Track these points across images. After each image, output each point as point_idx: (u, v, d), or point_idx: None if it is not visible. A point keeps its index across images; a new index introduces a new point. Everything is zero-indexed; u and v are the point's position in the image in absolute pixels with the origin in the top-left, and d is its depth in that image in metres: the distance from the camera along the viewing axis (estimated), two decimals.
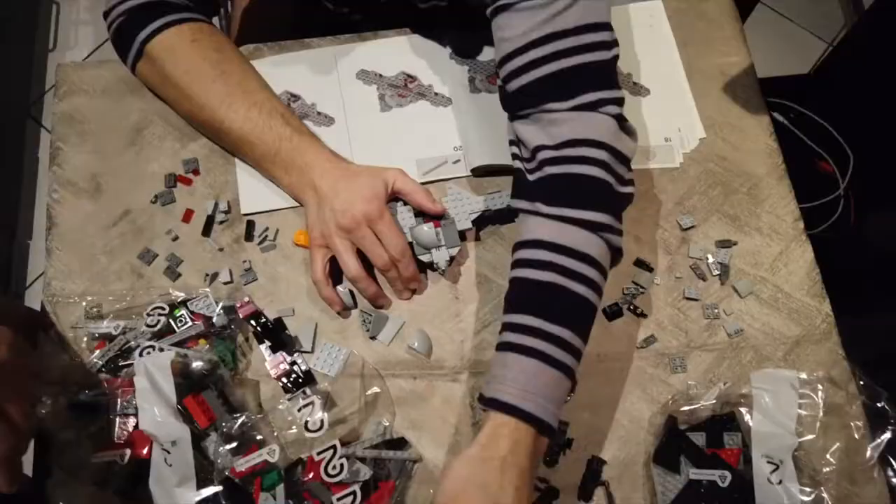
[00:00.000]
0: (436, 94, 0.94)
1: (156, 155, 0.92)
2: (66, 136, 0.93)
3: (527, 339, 0.67)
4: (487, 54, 0.94)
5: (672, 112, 0.93)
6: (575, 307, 0.69)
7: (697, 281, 0.85)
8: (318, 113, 0.93)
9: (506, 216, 0.86)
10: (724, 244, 0.86)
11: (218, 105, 0.83)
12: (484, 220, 0.86)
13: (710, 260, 0.85)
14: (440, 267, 0.81)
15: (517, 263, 0.73)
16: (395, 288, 0.84)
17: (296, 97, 0.94)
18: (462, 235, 0.85)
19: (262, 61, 0.96)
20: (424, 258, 0.82)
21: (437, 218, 0.82)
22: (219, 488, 0.71)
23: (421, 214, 0.83)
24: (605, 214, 0.70)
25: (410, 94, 0.94)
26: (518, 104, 0.75)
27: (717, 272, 0.85)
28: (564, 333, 0.67)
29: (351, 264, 0.79)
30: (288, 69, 0.95)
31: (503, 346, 0.69)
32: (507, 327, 0.70)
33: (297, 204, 0.88)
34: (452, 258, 0.82)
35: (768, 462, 0.72)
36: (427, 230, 0.81)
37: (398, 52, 0.96)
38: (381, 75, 0.95)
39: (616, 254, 0.74)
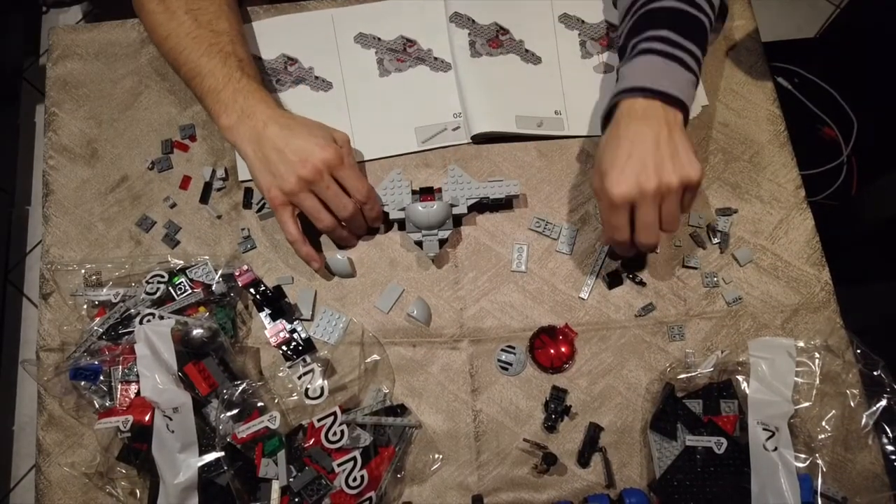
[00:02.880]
0: (435, 58, 0.92)
1: (152, 120, 0.91)
2: (60, 102, 0.92)
3: (661, 45, 0.75)
4: (487, 17, 0.92)
5: None
6: (699, 29, 0.77)
7: (697, 249, 0.85)
8: (316, 77, 0.92)
9: (504, 206, 0.86)
10: (725, 212, 0.85)
11: (182, 36, 0.82)
12: (482, 208, 0.86)
13: (710, 228, 0.85)
14: (431, 251, 0.81)
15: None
16: (354, 234, 0.84)
17: (293, 60, 0.92)
18: (458, 220, 0.84)
19: (259, 23, 0.94)
20: (415, 237, 0.81)
21: (432, 194, 0.82)
22: (220, 454, 0.72)
23: (418, 192, 0.82)
24: None
25: (409, 59, 0.93)
26: None
27: (717, 240, 0.84)
28: (692, 47, 0.76)
29: (324, 217, 0.77)
30: (285, 32, 0.93)
31: (641, 52, 0.76)
32: (645, 40, 0.77)
33: None
34: (444, 241, 0.82)
35: (764, 429, 0.73)
36: (422, 210, 0.80)
37: (397, 15, 0.94)
38: (379, 39, 0.93)
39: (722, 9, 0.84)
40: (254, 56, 0.92)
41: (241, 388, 0.75)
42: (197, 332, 0.75)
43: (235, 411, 0.74)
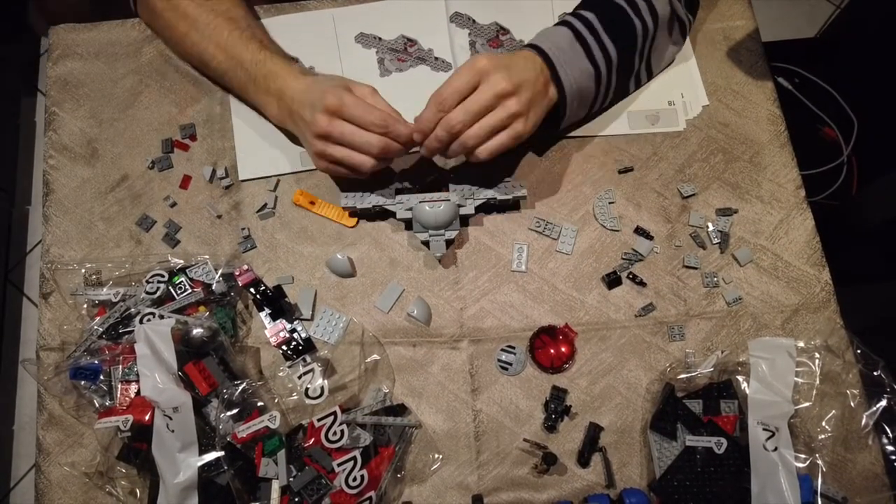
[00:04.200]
0: (436, 58, 0.92)
1: (152, 120, 0.91)
2: (60, 102, 0.92)
3: (577, 23, 0.79)
4: (487, 17, 0.92)
5: (676, 78, 0.92)
6: (626, 29, 0.80)
7: (697, 249, 0.85)
8: None
9: (511, 206, 0.86)
10: (725, 212, 0.85)
11: (204, 35, 0.83)
12: (489, 209, 0.86)
13: (711, 228, 0.85)
14: (438, 251, 0.81)
15: None
16: (402, 151, 0.79)
17: (294, 60, 0.92)
18: (464, 220, 0.84)
19: None
20: (422, 237, 0.81)
21: (440, 190, 0.82)
22: (220, 454, 0.72)
23: (425, 191, 0.82)
24: None
25: (410, 59, 0.93)
26: None
27: (717, 240, 0.84)
28: (607, 40, 0.79)
29: (362, 160, 0.76)
30: (285, 31, 0.93)
31: (559, 24, 0.81)
32: (570, 14, 0.81)
33: (296, 169, 0.88)
34: (451, 241, 0.82)
35: (764, 429, 0.73)
36: (429, 210, 0.80)
37: (398, 14, 0.94)
38: (380, 38, 0.93)
39: (679, 24, 0.85)
40: None
41: (241, 387, 0.75)
42: (197, 331, 0.75)
43: (235, 411, 0.74)
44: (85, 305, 0.81)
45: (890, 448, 0.75)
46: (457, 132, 0.73)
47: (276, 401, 0.77)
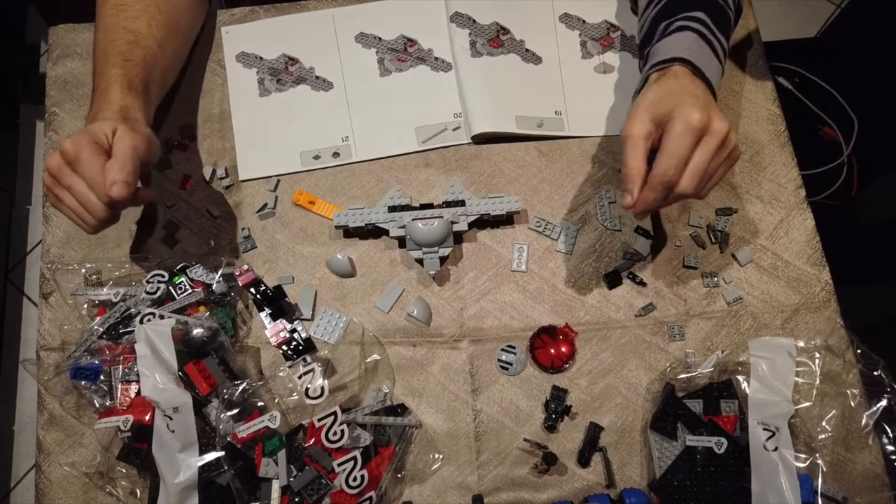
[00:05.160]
0: (436, 58, 0.92)
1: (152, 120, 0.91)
2: (60, 102, 0.92)
3: (697, 25, 0.75)
4: (488, 17, 0.92)
5: None
6: (727, 22, 0.77)
7: (697, 249, 0.85)
8: (317, 77, 0.92)
9: (504, 221, 0.86)
10: (725, 212, 0.85)
11: (100, 29, 0.82)
12: (482, 224, 0.86)
13: (710, 228, 0.85)
14: (432, 269, 0.81)
15: None
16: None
17: (294, 60, 0.93)
18: (458, 237, 0.84)
19: (259, 23, 0.94)
20: (415, 254, 0.81)
21: (432, 208, 0.82)
22: (221, 454, 0.72)
23: (418, 209, 0.82)
24: None
25: (410, 59, 0.93)
26: None
27: (717, 240, 0.84)
28: (721, 37, 0.76)
29: (66, 212, 0.71)
30: (286, 32, 0.94)
31: (676, 30, 0.76)
32: (679, 18, 0.76)
33: (296, 170, 0.88)
34: (445, 258, 0.82)
35: (764, 429, 0.73)
36: (422, 227, 0.80)
37: (398, 14, 0.94)
38: (380, 38, 0.93)
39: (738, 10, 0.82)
40: (258, 56, 0.93)
41: (241, 387, 0.75)
42: (197, 331, 0.75)
43: (236, 411, 0.74)
44: (85, 305, 0.81)
45: (890, 448, 0.75)
46: (688, 195, 0.68)
47: (276, 401, 0.77)
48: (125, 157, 0.69)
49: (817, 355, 0.78)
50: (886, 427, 0.75)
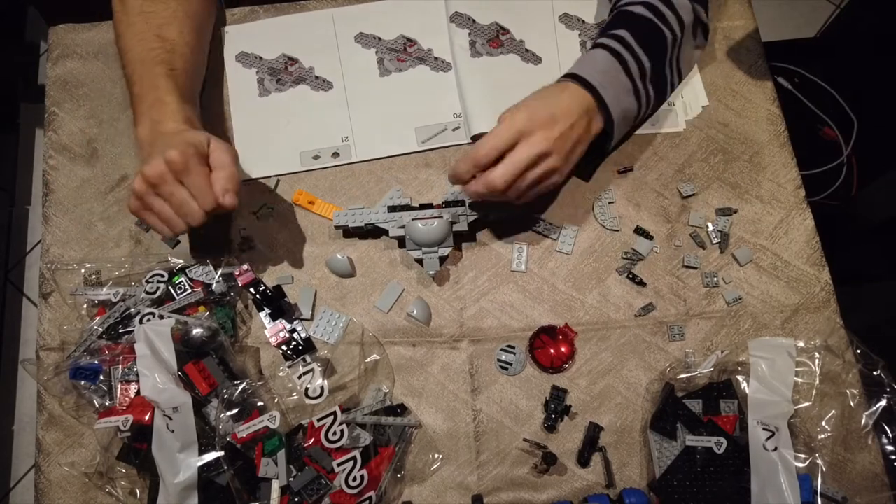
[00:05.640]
0: (436, 58, 0.92)
1: None
2: (60, 101, 0.92)
3: (612, 42, 0.79)
4: (488, 17, 0.92)
5: None
6: (657, 40, 0.80)
7: (697, 249, 0.85)
8: (317, 77, 0.92)
9: (504, 223, 0.86)
10: (725, 212, 0.85)
11: (129, 37, 0.81)
12: (481, 224, 0.85)
13: (710, 228, 0.85)
14: (431, 269, 0.81)
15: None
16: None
17: (294, 60, 0.93)
18: (458, 237, 0.84)
19: (259, 23, 0.94)
20: (415, 254, 0.81)
21: (432, 207, 0.82)
22: (220, 454, 0.72)
23: (418, 209, 0.82)
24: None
25: (410, 59, 0.93)
26: None
27: (717, 240, 0.84)
28: (641, 54, 0.79)
29: (172, 226, 0.73)
30: (285, 32, 0.93)
31: (595, 47, 0.81)
32: (602, 35, 0.81)
33: (296, 169, 0.88)
34: (444, 258, 0.82)
35: (764, 429, 0.73)
36: (422, 227, 0.79)
37: (397, 14, 0.94)
38: (380, 38, 0.93)
39: (702, 28, 0.85)
40: (257, 56, 0.93)
41: (241, 387, 0.75)
42: (197, 331, 0.75)
43: (235, 411, 0.74)
44: (85, 305, 0.81)
45: (890, 448, 0.75)
46: (498, 191, 0.73)
47: (276, 401, 0.77)
48: (230, 167, 0.72)
49: (817, 355, 0.78)
50: (886, 427, 0.75)
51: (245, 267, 0.81)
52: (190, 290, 0.80)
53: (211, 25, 0.91)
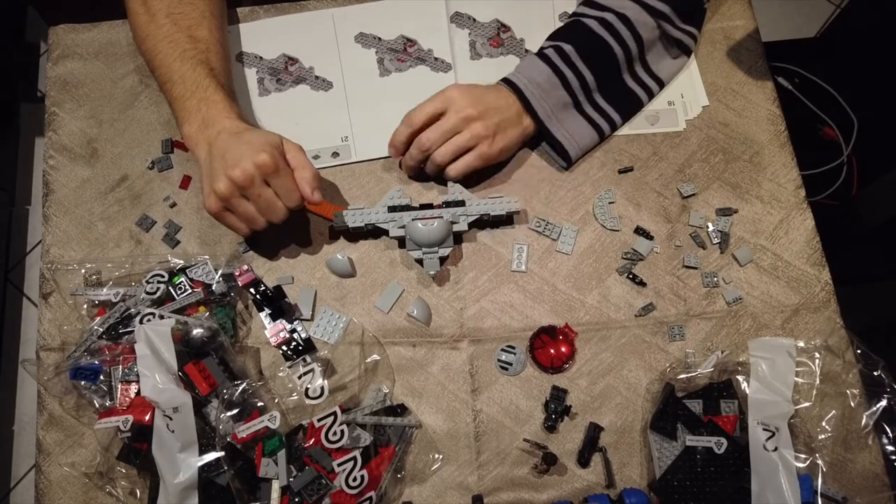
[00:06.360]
0: (436, 58, 0.92)
1: (152, 120, 0.91)
2: (60, 102, 0.92)
3: (554, 56, 0.83)
4: (488, 16, 0.92)
5: (676, 78, 0.92)
6: (605, 57, 0.84)
7: (697, 249, 0.85)
8: (317, 77, 0.92)
9: (504, 221, 0.86)
10: (725, 212, 0.85)
11: (160, 40, 0.82)
12: (482, 224, 0.86)
13: (711, 228, 0.85)
14: (432, 269, 0.81)
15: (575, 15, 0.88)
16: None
17: (294, 60, 0.93)
18: (458, 237, 0.84)
19: (259, 23, 0.94)
20: (415, 255, 0.81)
21: (432, 208, 0.82)
22: (220, 454, 0.72)
23: (418, 209, 0.82)
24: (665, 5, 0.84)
25: (410, 59, 0.93)
26: None
27: (717, 240, 0.84)
28: (584, 69, 0.83)
29: (257, 224, 0.77)
30: (285, 31, 0.93)
31: (538, 53, 0.85)
32: (549, 45, 0.85)
33: None
34: (445, 258, 0.82)
35: (764, 429, 0.73)
36: (422, 227, 0.80)
37: (397, 14, 0.94)
38: (380, 38, 0.93)
39: (675, 41, 0.88)
40: (257, 56, 0.93)
41: (241, 387, 0.75)
42: (197, 331, 0.75)
43: (235, 411, 0.74)
44: (85, 305, 0.81)
45: (890, 448, 0.75)
46: (427, 150, 0.81)
47: (276, 401, 0.77)
48: (311, 165, 0.77)
49: (817, 355, 0.78)
50: (886, 427, 0.75)
51: (245, 267, 0.81)
52: (190, 291, 0.80)
53: (227, 21, 0.92)
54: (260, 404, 0.76)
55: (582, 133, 0.86)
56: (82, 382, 0.76)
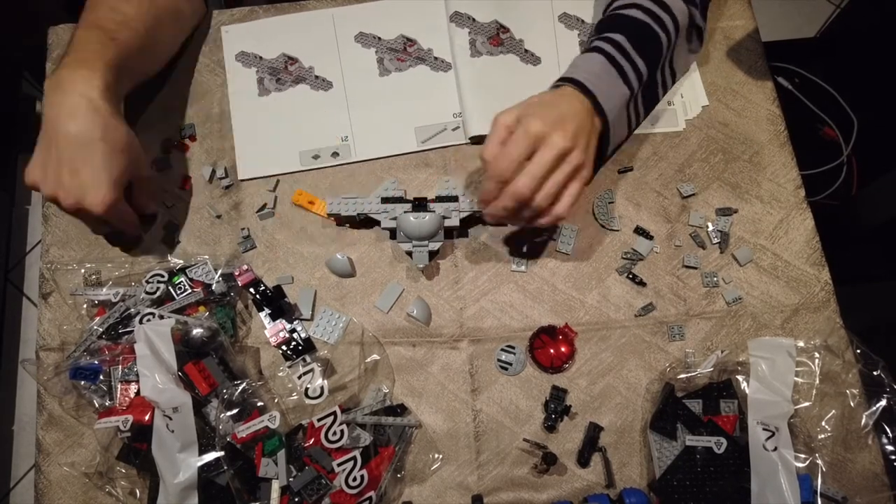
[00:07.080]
0: (435, 58, 0.92)
1: (152, 120, 0.91)
2: None
3: (609, 47, 0.78)
4: (488, 16, 0.92)
5: None
6: (654, 45, 0.80)
7: (697, 249, 0.85)
8: (316, 77, 0.92)
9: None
10: (725, 212, 0.85)
11: (89, 8, 0.80)
12: (473, 221, 0.85)
13: (710, 228, 0.85)
14: (420, 262, 0.81)
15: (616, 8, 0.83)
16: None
17: (293, 60, 0.93)
18: (449, 232, 0.84)
19: (259, 23, 0.94)
20: (405, 247, 0.81)
21: (425, 206, 0.81)
22: (220, 454, 0.72)
23: (410, 203, 0.82)
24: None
25: (409, 59, 0.93)
26: None
27: (717, 240, 0.84)
28: (638, 60, 0.78)
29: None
30: (285, 31, 0.93)
31: (590, 49, 0.79)
32: (598, 38, 0.80)
33: (296, 169, 0.88)
34: (435, 252, 0.82)
35: (764, 429, 0.73)
36: (413, 220, 0.79)
37: (397, 14, 0.94)
38: (379, 38, 0.93)
39: (697, 31, 0.85)
40: (257, 56, 0.93)
41: (241, 387, 0.75)
42: (197, 331, 0.75)
43: (235, 411, 0.74)
44: (85, 305, 0.81)
45: (890, 448, 0.75)
46: (525, 199, 0.71)
47: (276, 401, 0.77)
48: (147, 181, 0.81)
49: (817, 355, 0.78)
50: (886, 427, 0.75)
51: (245, 267, 0.81)
52: (190, 290, 0.80)
53: (186, 25, 0.91)
54: (260, 404, 0.76)
55: (620, 133, 0.83)
56: (82, 382, 0.76)
